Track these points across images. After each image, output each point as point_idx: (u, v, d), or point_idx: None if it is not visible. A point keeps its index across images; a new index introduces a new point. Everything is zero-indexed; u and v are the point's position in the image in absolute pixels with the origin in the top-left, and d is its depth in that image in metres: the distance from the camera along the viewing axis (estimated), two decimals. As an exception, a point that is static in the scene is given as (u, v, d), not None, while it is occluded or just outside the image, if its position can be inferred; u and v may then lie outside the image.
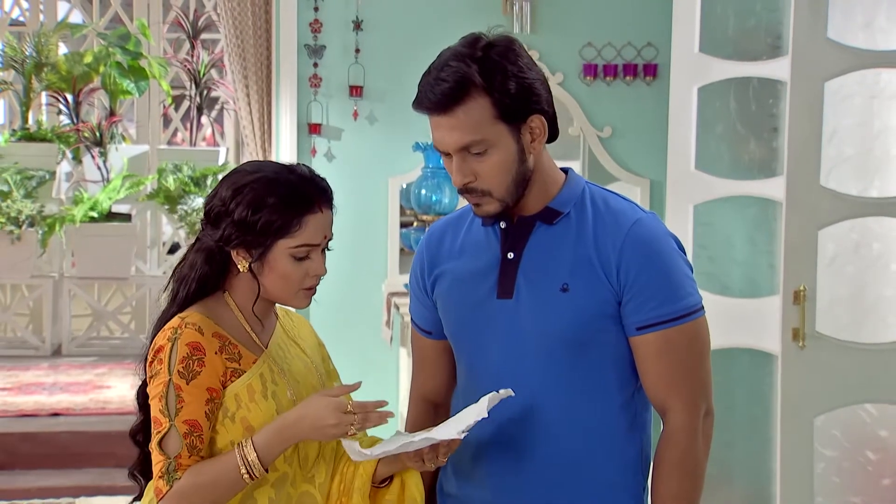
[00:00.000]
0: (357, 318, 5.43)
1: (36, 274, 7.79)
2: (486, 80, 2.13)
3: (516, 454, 2.25)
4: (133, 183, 7.47)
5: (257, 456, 2.14)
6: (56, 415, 5.96)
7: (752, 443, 5.01)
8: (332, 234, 2.30)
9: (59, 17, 8.71)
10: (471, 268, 2.30)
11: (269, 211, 2.20)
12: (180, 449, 2.14)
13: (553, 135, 2.26)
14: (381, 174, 5.37)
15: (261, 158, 5.53)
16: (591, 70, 5.41)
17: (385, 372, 5.22)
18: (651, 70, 5.41)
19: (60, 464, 5.57)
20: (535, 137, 2.21)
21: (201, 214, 2.34)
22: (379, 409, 2.17)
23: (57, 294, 7.75)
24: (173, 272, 2.33)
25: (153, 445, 2.15)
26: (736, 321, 4.78)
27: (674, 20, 4.86)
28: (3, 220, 7.38)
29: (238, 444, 2.15)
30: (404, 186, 5.39)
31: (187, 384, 2.16)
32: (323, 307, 5.47)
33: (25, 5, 8.82)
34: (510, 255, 2.25)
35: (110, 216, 7.58)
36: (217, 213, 2.24)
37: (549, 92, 2.24)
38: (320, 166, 5.35)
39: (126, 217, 7.74)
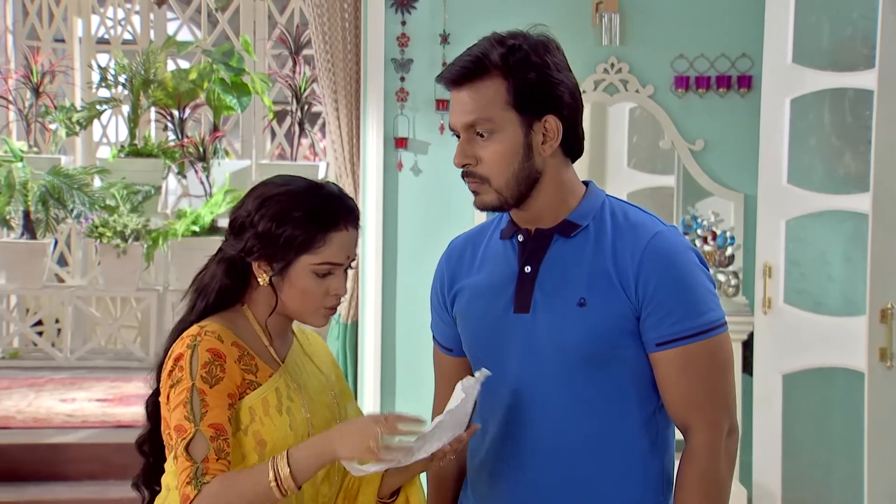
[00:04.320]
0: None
1: (142, 287, 7.93)
2: (505, 62, 2.12)
3: (534, 472, 2.19)
4: (234, 198, 7.55)
5: (290, 472, 2.10)
6: (150, 426, 6.04)
7: (848, 464, 4.86)
8: (356, 256, 2.27)
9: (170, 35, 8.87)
10: (488, 282, 2.26)
11: (293, 225, 2.19)
12: (207, 452, 2.11)
13: (577, 150, 2.20)
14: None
15: (348, 173, 5.54)
16: (682, 82, 5.30)
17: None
18: (746, 81, 5.27)
19: (152, 475, 5.64)
20: (547, 139, 2.16)
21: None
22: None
23: (161, 307, 7.88)
24: (193, 282, 2.31)
25: (179, 452, 2.12)
26: (829, 340, 4.66)
27: (766, 30, 4.75)
28: (109, 233, 7.53)
29: (272, 458, 2.11)
30: (491, 201, 5.34)
31: (211, 388, 2.14)
32: (406, 320, 5.48)
33: (138, 26, 9.00)
34: (527, 269, 2.21)
35: (213, 230, 7.68)
36: (241, 224, 2.24)
37: (578, 102, 2.20)
38: (407, 180, 5.34)
39: (229, 231, 7.82)
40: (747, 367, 4.98)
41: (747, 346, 4.99)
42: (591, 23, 5.28)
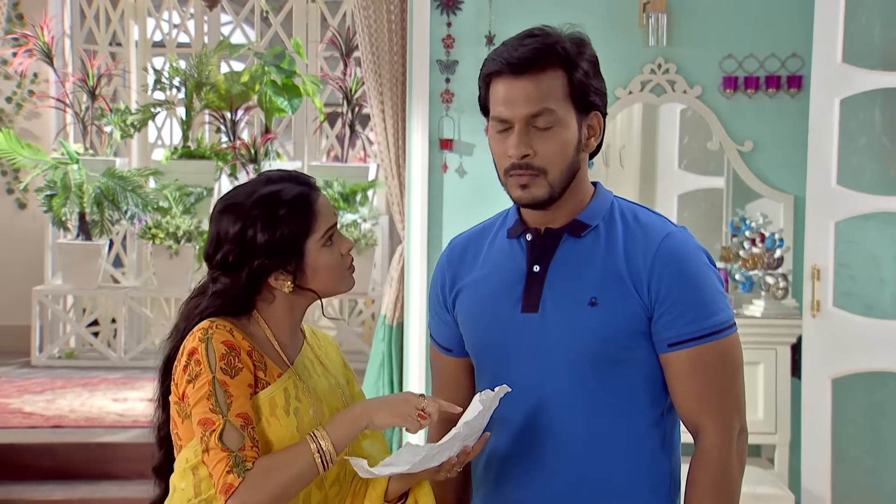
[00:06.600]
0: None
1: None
2: (569, 54, 2.13)
3: (543, 474, 2.19)
4: (284, 199, 7.58)
5: (331, 441, 2.12)
6: (195, 426, 6.07)
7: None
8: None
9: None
10: (494, 282, 2.25)
11: (286, 220, 2.19)
12: (243, 440, 2.10)
13: (599, 148, 2.21)
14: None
15: (394, 175, 5.54)
16: (731, 82, 5.24)
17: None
18: (796, 82, 5.20)
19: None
20: (591, 134, 2.18)
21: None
22: None
23: (212, 308, 7.91)
24: (183, 315, 2.27)
25: (212, 444, 2.10)
26: (880, 344, 4.59)
27: (815, 30, 4.68)
28: (162, 235, 7.60)
29: (310, 434, 2.13)
30: (536, 202, 5.31)
31: (232, 379, 2.14)
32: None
33: (192, 29, 9.07)
34: (536, 269, 2.20)
35: (263, 232, 7.71)
36: (236, 256, 2.20)
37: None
38: (452, 182, 5.33)
39: (279, 233, 7.85)
40: (796, 370, 4.91)
41: (796, 349, 4.92)
42: (637, 23, 5.24)
